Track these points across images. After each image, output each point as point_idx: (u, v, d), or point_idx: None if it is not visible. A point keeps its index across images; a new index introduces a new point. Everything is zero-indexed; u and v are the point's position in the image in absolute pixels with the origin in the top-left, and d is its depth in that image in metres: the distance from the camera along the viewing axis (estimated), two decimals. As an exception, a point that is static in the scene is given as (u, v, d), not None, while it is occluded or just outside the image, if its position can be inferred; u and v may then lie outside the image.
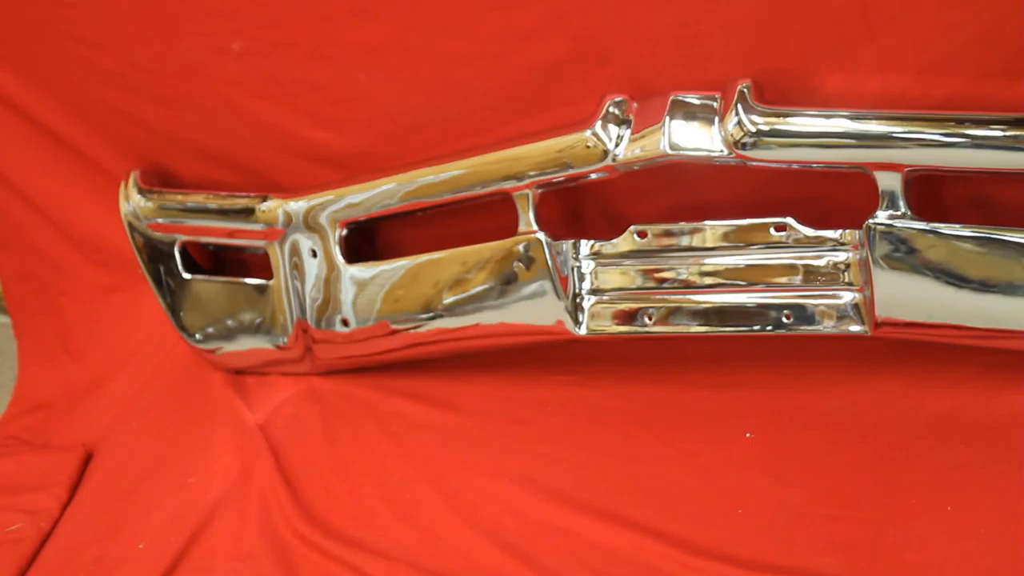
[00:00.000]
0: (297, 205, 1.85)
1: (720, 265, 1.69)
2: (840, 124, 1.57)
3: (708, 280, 1.70)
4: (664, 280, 1.71)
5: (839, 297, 1.65)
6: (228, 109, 1.89)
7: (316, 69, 1.83)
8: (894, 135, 1.55)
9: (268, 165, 1.92)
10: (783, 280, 1.67)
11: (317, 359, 1.93)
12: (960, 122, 1.55)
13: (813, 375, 1.75)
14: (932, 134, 1.54)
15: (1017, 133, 1.52)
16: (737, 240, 1.68)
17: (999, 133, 1.52)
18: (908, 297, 1.60)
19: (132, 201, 1.91)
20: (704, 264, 1.70)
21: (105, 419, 1.99)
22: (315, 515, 1.72)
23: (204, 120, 1.91)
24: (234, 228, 1.89)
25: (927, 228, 1.57)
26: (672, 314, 1.72)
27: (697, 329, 1.71)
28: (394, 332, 1.86)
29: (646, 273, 1.72)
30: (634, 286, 1.73)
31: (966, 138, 1.54)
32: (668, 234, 1.71)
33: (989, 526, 1.52)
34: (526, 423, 1.80)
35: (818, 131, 1.58)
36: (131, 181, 1.92)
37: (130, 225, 1.92)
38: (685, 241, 1.70)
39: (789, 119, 1.58)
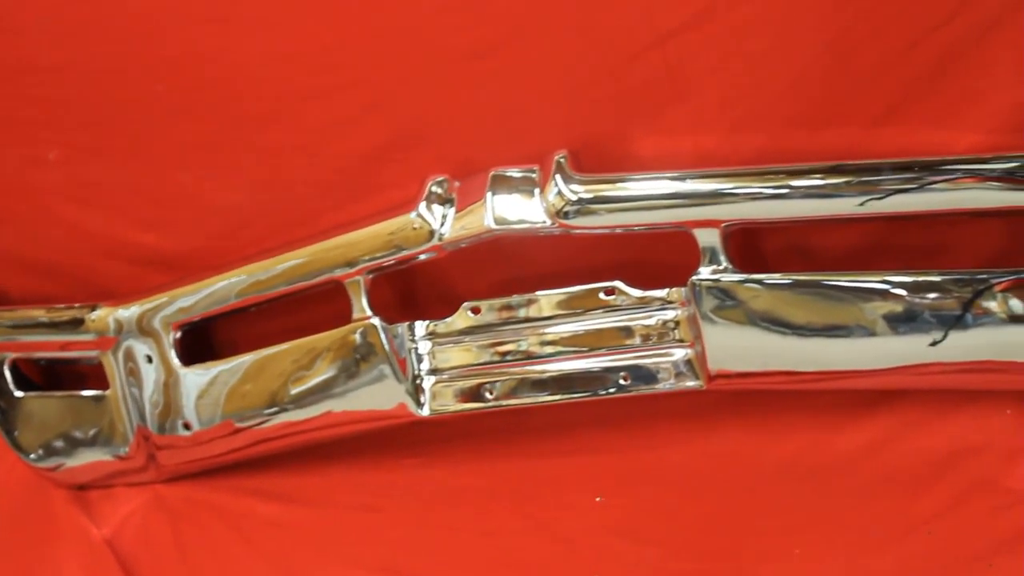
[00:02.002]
0: (128, 312, 1.82)
1: (555, 334, 1.71)
2: (655, 186, 1.61)
3: (544, 349, 1.71)
4: (501, 353, 1.73)
5: (672, 354, 1.68)
6: (49, 219, 1.86)
7: (136, 171, 1.81)
8: (707, 192, 1.59)
9: (96, 273, 1.88)
10: (617, 343, 1.69)
11: (162, 466, 1.88)
12: (772, 175, 1.60)
13: (656, 433, 1.77)
14: (744, 189, 1.59)
15: (832, 181, 1.57)
16: (569, 307, 1.70)
17: (812, 183, 1.57)
18: (738, 348, 1.63)
19: (-44, 322, 1.85)
20: (539, 334, 1.71)
21: (-56, 552, 1.91)
22: (170, 628, 1.67)
23: (25, 232, 1.87)
24: (65, 340, 1.85)
25: (749, 279, 1.61)
26: (513, 386, 1.73)
27: (538, 399, 1.72)
28: (239, 430, 1.83)
29: (483, 348, 1.73)
30: (472, 362, 1.73)
31: (781, 189, 1.58)
32: (501, 308, 1.72)
33: (838, 564, 1.56)
34: (378, 510, 1.79)
35: (635, 195, 1.61)
36: (-47, 302, 1.87)
37: (-45, 347, 1.86)
38: (518, 313, 1.72)
39: (606, 185, 1.62)
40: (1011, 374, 1.60)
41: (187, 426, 1.83)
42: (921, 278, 1.59)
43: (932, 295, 1.58)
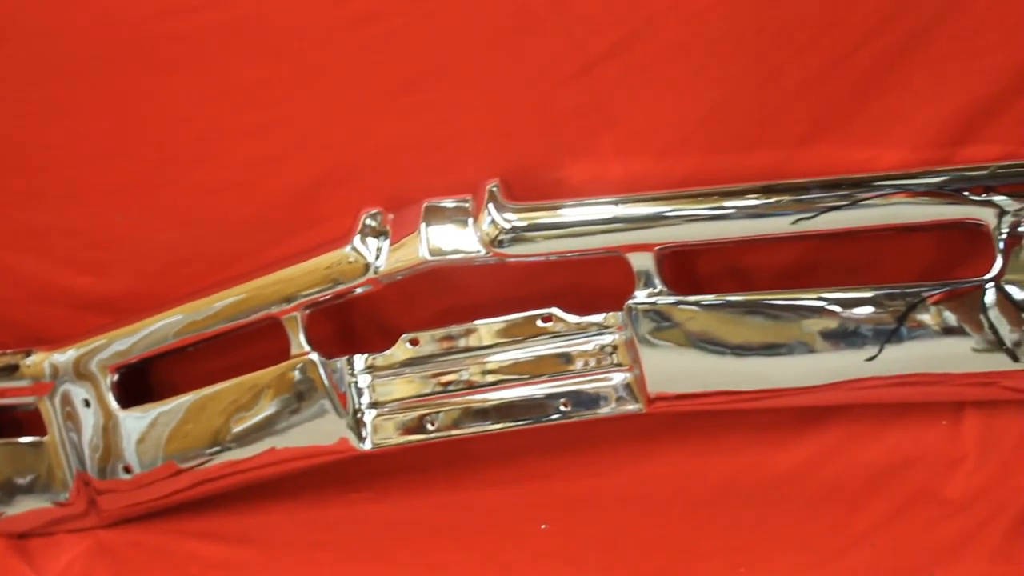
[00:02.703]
0: (64, 356, 1.81)
1: (494, 363, 1.71)
2: (587, 212, 1.62)
3: (484, 379, 1.71)
4: (441, 384, 1.73)
5: (611, 379, 1.68)
6: (-18, 264, 1.84)
7: (70, 214, 1.80)
8: (639, 216, 1.60)
9: (31, 317, 1.87)
10: (556, 369, 1.70)
11: (103, 511, 1.86)
12: (702, 197, 1.61)
13: (599, 458, 1.77)
14: (675, 212, 1.60)
15: (764, 201, 1.58)
16: (507, 336, 1.70)
17: (743, 203, 1.59)
18: (676, 370, 1.64)
19: None
20: (478, 364, 1.72)
21: None
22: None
23: (-41, 280, 1.85)
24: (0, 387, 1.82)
25: (684, 301, 1.62)
26: (454, 417, 1.73)
27: (479, 428, 1.72)
28: (181, 471, 1.82)
29: (423, 379, 1.73)
30: (413, 394, 1.73)
31: (712, 211, 1.60)
32: (439, 339, 1.72)
33: (783, 582, 1.56)
34: (324, 547, 1.78)
35: (568, 221, 1.62)
36: None
37: None
38: (457, 343, 1.72)
39: (538, 213, 1.63)
40: (945, 385, 1.61)
41: (127, 469, 1.81)
42: (855, 294, 1.60)
43: (866, 310, 1.59)
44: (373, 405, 1.74)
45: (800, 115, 1.62)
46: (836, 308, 1.60)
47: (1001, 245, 1.55)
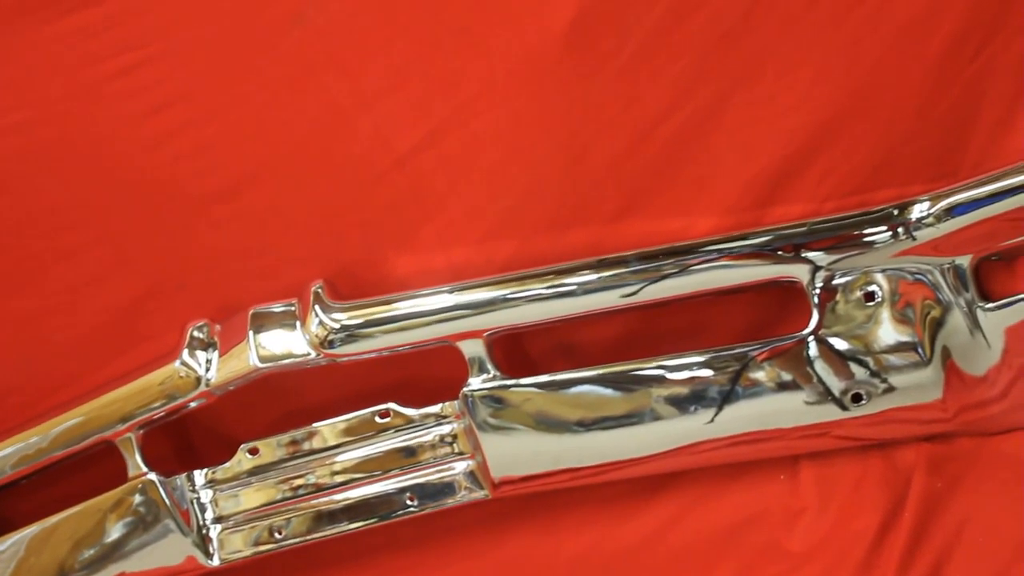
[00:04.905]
0: None
1: (335, 464, 1.70)
2: (412, 305, 1.63)
3: (327, 481, 1.70)
4: (285, 491, 1.71)
5: (454, 468, 1.68)
6: None
7: None
8: (463, 304, 1.62)
9: None
10: (399, 464, 1.69)
11: (-56, 662, 1.79)
12: (526, 279, 1.63)
13: (453, 549, 1.76)
14: (498, 295, 1.61)
15: (587, 277, 1.61)
16: (346, 436, 1.70)
17: (563, 282, 1.61)
18: (517, 453, 1.65)
19: None
20: (320, 466, 1.70)
21: None
22: None
23: None
24: None
25: (519, 384, 1.63)
26: (301, 522, 1.71)
27: (328, 531, 1.71)
28: (26, 611, 1.76)
29: (266, 488, 1.71)
30: (257, 504, 1.71)
31: (535, 291, 1.62)
32: (280, 445, 1.71)
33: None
34: (176, 669, 1.73)
35: (394, 315, 1.63)
36: None
37: None
38: (298, 448, 1.70)
39: (364, 310, 1.63)
40: (781, 440, 1.65)
41: (-32, 615, 1.75)
42: (688, 359, 1.63)
43: (701, 374, 1.62)
44: (218, 520, 1.72)
45: (611, 191, 1.65)
46: (671, 375, 1.63)
47: (816, 299, 1.59)
